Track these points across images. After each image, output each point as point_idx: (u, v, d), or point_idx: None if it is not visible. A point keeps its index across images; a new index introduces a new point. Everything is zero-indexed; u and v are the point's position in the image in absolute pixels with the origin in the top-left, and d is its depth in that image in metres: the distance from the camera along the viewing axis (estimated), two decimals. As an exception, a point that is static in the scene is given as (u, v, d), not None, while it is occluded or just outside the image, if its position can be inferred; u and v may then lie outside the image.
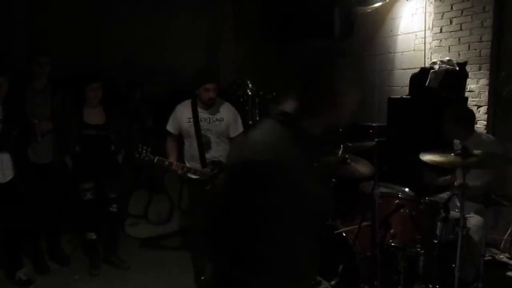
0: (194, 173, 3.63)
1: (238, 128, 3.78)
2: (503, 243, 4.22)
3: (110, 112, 4.06)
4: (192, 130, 3.62)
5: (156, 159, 3.55)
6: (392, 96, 5.24)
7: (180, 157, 3.76)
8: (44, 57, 3.89)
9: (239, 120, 3.83)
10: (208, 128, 3.64)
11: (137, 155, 3.53)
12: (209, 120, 3.65)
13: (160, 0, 6.02)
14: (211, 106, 3.64)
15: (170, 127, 3.74)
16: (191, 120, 3.62)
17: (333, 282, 3.17)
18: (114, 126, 4.07)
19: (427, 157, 3.05)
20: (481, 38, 4.67)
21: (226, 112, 3.74)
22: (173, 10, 6.24)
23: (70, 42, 5.19)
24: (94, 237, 4.09)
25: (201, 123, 3.62)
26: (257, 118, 5.83)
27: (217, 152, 3.68)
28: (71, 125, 3.90)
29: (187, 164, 3.70)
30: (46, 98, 3.96)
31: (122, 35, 5.70)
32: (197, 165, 3.65)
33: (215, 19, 6.93)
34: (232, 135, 3.75)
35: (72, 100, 4.02)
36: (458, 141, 3.68)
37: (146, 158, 3.54)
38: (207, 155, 3.65)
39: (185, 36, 6.38)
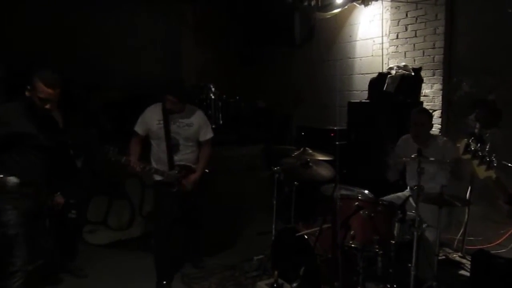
0: (161, 175, 3.65)
1: (207, 133, 3.86)
2: (456, 242, 4.39)
3: (68, 117, 3.95)
4: (161, 132, 3.64)
5: (123, 159, 3.51)
6: (351, 100, 5.37)
7: (141, 159, 3.73)
8: None
9: (209, 126, 3.91)
10: (177, 132, 3.67)
11: (105, 153, 3.48)
12: (179, 124, 3.68)
13: (121, 4, 5.92)
14: (173, 113, 3.66)
15: (138, 128, 3.72)
16: (161, 122, 3.64)
17: (294, 285, 3.19)
18: (72, 131, 3.96)
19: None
20: (434, 45, 4.87)
21: (197, 117, 3.80)
22: (134, 15, 6.15)
23: (29, 43, 5.02)
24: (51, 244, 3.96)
25: (171, 126, 3.65)
26: (220, 122, 5.83)
27: (185, 155, 3.73)
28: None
29: (154, 166, 3.70)
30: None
31: (82, 38, 5.56)
32: (164, 167, 3.67)
33: (176, 24, 6.88)
34: (202, 139, 3.83)
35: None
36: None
37: (113, 158, 3.50)
38: (175, 158, 3.68)
39: (146, 41, 6.31)
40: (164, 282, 3.72)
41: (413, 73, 4.80)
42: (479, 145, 2.06)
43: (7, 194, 2.86)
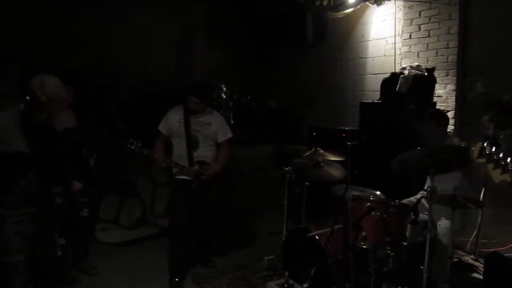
0: (181, 170, 3.76)
1: (226, 134, 3.99)
2: (469, 245, 4.33)
3: (81, 116, 3.99)
4: (182, 130, 3.79)
5: (145, 151, 3.66)
6: (363, 101, 5.34)
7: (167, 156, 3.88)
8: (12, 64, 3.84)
9: (227, 127, 4.04)
10: (197, 130, 3.82)
11: (128, 145, 3.64)
12: (199, 123, 3.84)
13: (133, 4, 5.95)
14: (195, 113, 3.82)
15: (161, 127, 3.90)
16: (182, 120, 3.80)
17: (305, 285, 3.19)
18: (85, 130, 4.00)
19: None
20: (448, 45, 4.81)
21: (215, 118, 3.97)
22: (146, 15, 6.18)
23: (42, 43, 5.07)
24: (63, 242, 3.99)
25: (191, 124, 3.80)
26: (232, 122, 5.84)
27: (204, 152, 3.85)
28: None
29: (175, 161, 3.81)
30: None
31: (95, 39, 5.60)
32: (184, 164, 3.78)
33: (188, 24, 6.90)
34: (220, 139, 3.95)
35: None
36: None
37: (137, 149, 3.65)
38: (194, 154, 3.79)
39: (158, 41, 6.35)
40: (177, 279, 3.74)
41: (426, 73, 4.75)
42: (494, 148, 2.02)
43: (10, 218, 2.74)
